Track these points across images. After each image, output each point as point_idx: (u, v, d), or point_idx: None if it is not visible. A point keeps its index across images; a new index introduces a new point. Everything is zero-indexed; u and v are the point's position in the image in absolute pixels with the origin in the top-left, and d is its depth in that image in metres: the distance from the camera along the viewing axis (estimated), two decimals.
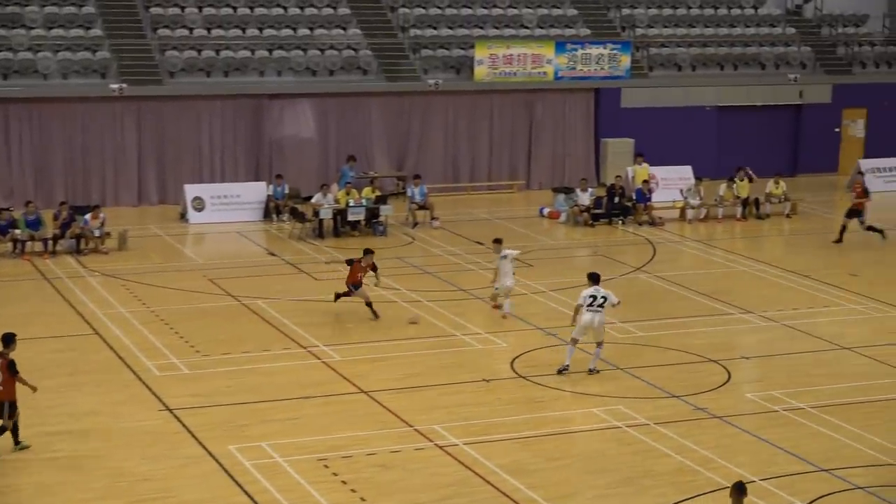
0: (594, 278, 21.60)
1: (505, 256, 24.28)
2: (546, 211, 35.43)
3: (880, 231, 32.15)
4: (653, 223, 34.39)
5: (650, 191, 35.25)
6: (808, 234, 33.16)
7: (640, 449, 18.14)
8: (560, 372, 21.29)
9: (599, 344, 21.48)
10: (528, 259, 29.30)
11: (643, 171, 36.51)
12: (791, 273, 28.87)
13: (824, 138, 42.57)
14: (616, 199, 34.70)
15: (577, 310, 21.36)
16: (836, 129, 42.84)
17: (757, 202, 35.79)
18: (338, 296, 24.76)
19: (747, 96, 41.61)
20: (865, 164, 40.78)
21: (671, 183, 37.22)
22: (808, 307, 26.00)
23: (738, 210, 35.44)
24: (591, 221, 34.19)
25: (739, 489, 13.70)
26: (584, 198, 34.69)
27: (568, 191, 35.76)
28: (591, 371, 21.38)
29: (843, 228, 32.12)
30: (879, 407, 20.12)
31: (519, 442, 18.35)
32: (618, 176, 35.71)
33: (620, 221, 34.44)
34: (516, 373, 21.53)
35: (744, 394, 20.70)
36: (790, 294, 27.07)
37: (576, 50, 39.48)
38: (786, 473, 17.28)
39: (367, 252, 24.80)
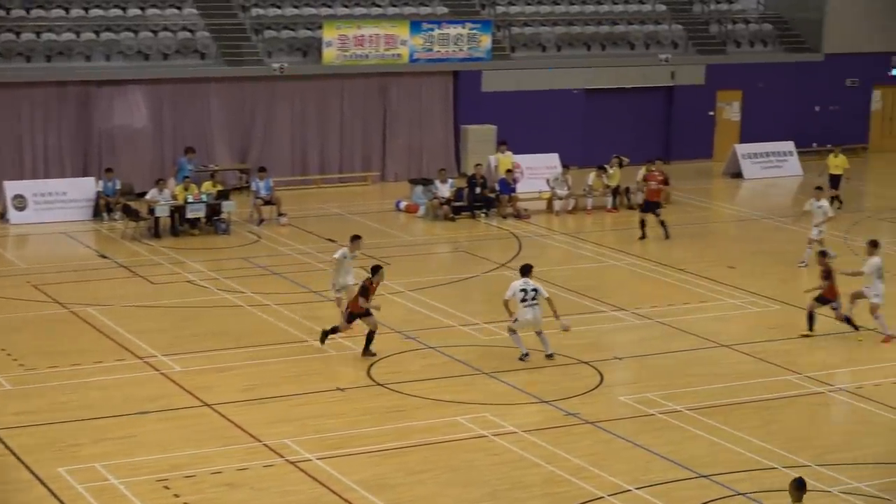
0: (524, 270, 22.50)
1: (355, 255, 24.22)
2: (403, 204, 35.50)
3: (664, 229, 32.22)
4: (518, 216, 34.69)
5: (514, 181, 35.56)
6: (683, 225, 33.75)
7: (509, 459, 18.28)
8: (522, 358, 22.36)
9: (539, 333, 22.41)
10: (384, 257, 29.31)
11: (507, 159, 36.80)
12: (665, 266, 29.35)
13: (698, 122, 43.41)
14: (478, 191, 34.92)
15: (507, 303, 22.19)
16: (711, 113, 43.71)
17: (628, 192, 36.33)
18: (337, 329, 22.92)
19: (616, 78, 42.22)
20: (741, 149, 41.69)
21: (537, 172, 37.60)
22: (684, 303, 26.46)
23: (609, 200, 35.94)
24: (451, 215, 34.36)
25: (799, 486, 13.83)
26: (444, 189, 34.85)
27: (426, 182, 35.89)
28: (549, 356, 22.44)
29: (643, 223, 32.08)
30: (761, 407, 20.59)
31: (378, 455, 18.35)
32: (478, 165, 35.91)
33: (483, 214, 34.67)
34: (373, 380, 21.54)
35: (617, 397, 21.00)
36: (665, 289, 27.51)
37: (432, 30, 39.62)
38: (663, 481, 17.57)
39: (377, 269, 22.75)
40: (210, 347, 23.07)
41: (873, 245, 24.48)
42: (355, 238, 24.34)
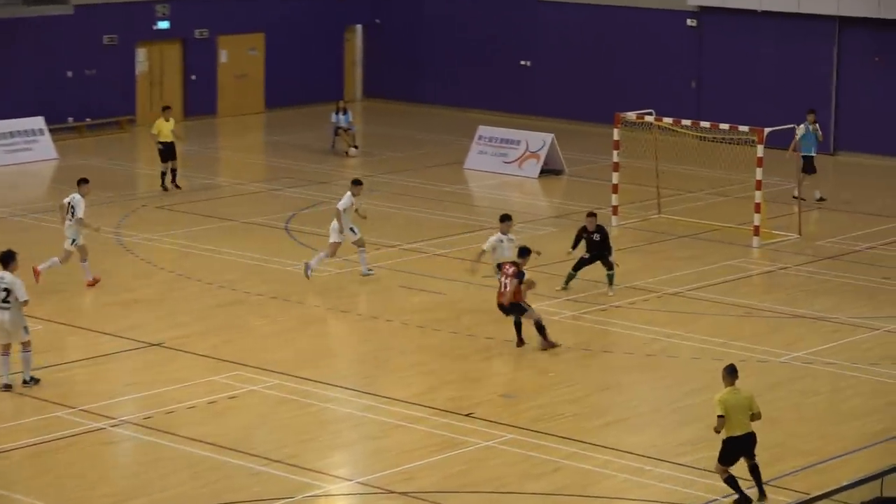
0: (3, 258, 23.03)
1: None
2: None
3: None
4: None
5: None
6: None
7: None
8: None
9: (24, 346, 22.92)
10: None
11: None
12: None
13: None
14: None
15: None
16: None
17: None
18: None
19: None
20: None
21: None
22: None
23: None
24: None
25: (731, 371, 19.18)
26: None
27: None
28: (25, 382, 23.01)
29: None
30: (31, 454, 20.68)
31: None
32: None
33: None
34: None
35: None
36: None
37: None
38: None
39: (524, 253, 25.89)
40: None
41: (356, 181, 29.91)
42: None
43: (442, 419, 22.34)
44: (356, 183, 29.88)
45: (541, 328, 25.32)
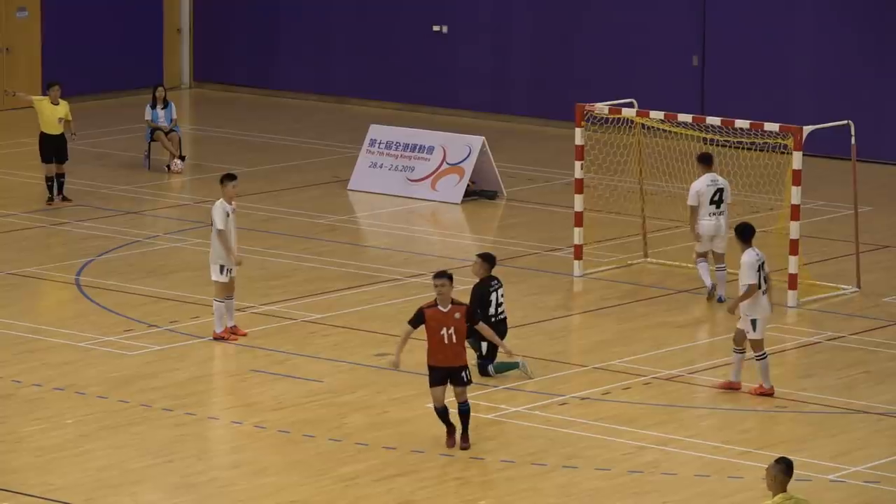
0: None
1: None
2: None
3: None
4: None
5: None
6: None
7: None
8: None
9: None
10: None
11: None
12: None
13: None
14: None
15: None
16: None
17: None
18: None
19: None
20: None
21: None
22: None
23: None
24: None
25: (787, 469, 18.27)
26: None
27: None
28: None
29: None
30: None
31: None
32: None
33: None
34: None
35: None
36: None
37: None
38: None
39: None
40: None
41: None
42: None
43: None
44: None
45: (466, 413, 25.78)
